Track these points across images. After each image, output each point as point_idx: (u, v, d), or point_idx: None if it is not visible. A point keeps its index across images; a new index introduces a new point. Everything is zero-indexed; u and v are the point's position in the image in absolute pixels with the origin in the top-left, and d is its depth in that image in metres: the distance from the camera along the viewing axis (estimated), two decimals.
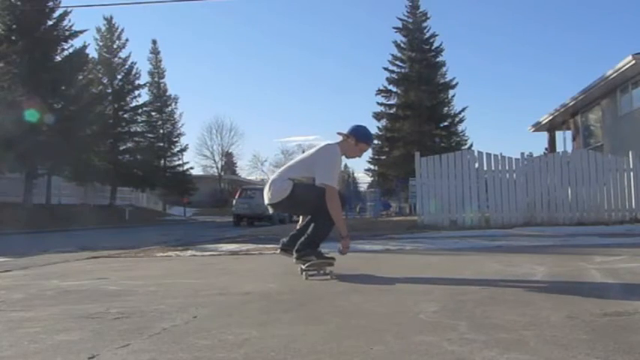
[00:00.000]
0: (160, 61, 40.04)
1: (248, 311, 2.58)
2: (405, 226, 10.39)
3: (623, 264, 4.08)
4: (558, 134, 23.13)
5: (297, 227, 4.03)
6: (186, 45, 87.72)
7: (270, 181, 3.95)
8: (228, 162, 61.00)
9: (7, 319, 2.54)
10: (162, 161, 37.36)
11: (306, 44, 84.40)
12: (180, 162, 39.25)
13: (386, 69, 32.32)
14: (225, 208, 40.24)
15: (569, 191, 10.19)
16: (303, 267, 3.68)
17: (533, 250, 5.48)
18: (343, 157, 4.02)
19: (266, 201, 3.91)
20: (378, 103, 32.71)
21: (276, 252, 4.20)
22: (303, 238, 3.77)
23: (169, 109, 39.50)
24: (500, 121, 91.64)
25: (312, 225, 3.78)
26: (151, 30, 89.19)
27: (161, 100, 39.11)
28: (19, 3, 22.16)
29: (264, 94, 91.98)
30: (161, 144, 37.55)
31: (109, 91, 30.95)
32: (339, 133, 3.99)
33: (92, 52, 29.02)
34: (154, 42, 40.11)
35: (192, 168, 40.46)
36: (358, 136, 3.94)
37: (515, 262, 4.38)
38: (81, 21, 73.61)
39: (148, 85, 37.56)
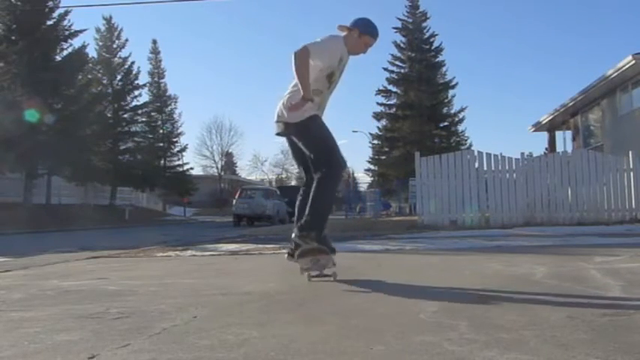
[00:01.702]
0: (160, 61, 40.13)
1: (248, 311, 2.58)
2: (405, 226, 10.39)
3: (623, 264, 4.08)
4: (558, 134, 23.15)
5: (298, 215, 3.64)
6: (186, 45, 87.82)
7: (288, 95, 3.50)
8: (228, 162, 61.04)
9: (7, 319, 2.53)
10: (162, 161, 37.39)
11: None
12: (180, 162, 39.32)
13: (386, 69, 32.40)
14: (225, 208, 40.27)
15: (569, 191, 10.19)
16: (296, 252, 3.41)
17: (533, 250, 5.48)
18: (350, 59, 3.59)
19: (276, 118, 3.51)
20: (377, 103, 32.75)
21: (286, 257, 3.74)
22: (307, 209, 3.41)
23: (169, 109, 39.54)
24: (500, 121, 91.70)
25: (313, 188, 3.41)
26: (151, 30, 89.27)
27: (161, 100, 39.13)
28: (19, 3, 22.17)
29: (264, 94, 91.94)
30: (161, 144, 37.56)
31: (109, 91, 30.96)
32: (340, 27, 3.58)
33: (92, 52, 29.11)
34: (154, 42, 40.23)
35: (192, 168, 40.54)
36: (362, 28, 3.54)
37: (515, 262, 4.38)
38: (80, 21, 73.71)
39: (148, 85, 37.65)
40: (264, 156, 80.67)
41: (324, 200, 3.44)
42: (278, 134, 3.57)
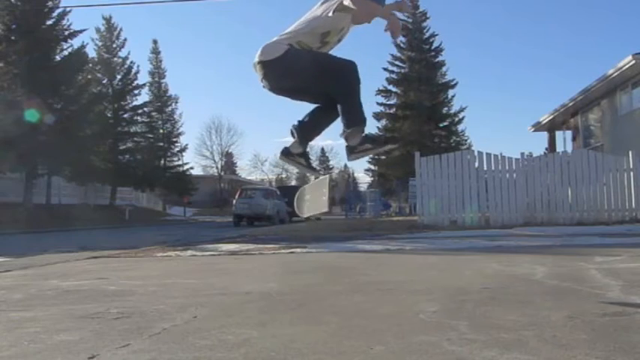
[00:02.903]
0: (161, 61, 40.07)
1: (248, 311, 2.58)
2: (405, 226, 10.38)
3: (623, 264, 4.08)
4: (558, 134, 23.14)
5: (308, 117, 3.09)
6: (186, 45, 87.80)
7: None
8: (228, 162, 61.01)
9: (7, 319, 2.53)
10: (162, 161, 37.38)
11: None
12: (180, 162, 39.30)
13: (385, 69, 32.37)
14: (225, 208, 40.28)
15: (569, 191, 10.19)
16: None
17: (533, 250, 5.48)
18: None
19: (255, 59, 2.88)
20: (377, 103, 32.69)
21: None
22: (345, 117, 2.83)
23: (169, 109, 39.53)
24: (500, 121, 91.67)
25: (340, 100, 2.85)
26: (152, 30, 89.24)
27: (161, 100, 39.13)
28: (18, 3, 22.17)
29: (264, 94, 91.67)
30: (161, 144, 37.55)
31: (109, 91, 30.95)
32: None
33: (91, 52, 29.10)
34: (155, 42, 40.16)
35: (192, 168, 40.51)
36: None
37: (515, 262, 4.38)
38: (80, 21, 73.66)
39: (148, 85, 37.64)
40: (264, 156, 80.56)
41: (357, 104, 2.87)
42: (264, 87, 2.97)
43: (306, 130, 3.03)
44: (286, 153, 3.09)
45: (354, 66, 2.89)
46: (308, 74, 2.88)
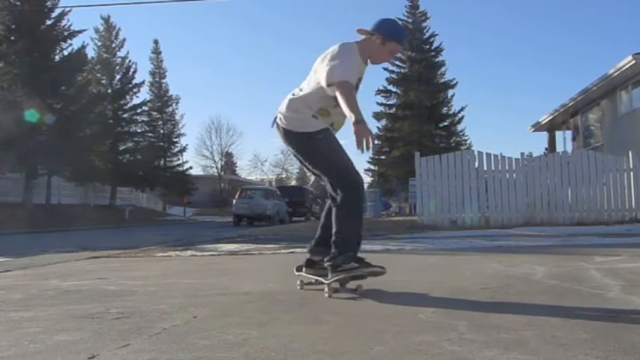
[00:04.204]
0: (162, 61, 40.06)
1: (248, 311, 2.58)
2: (405, 226, 10.39)
3: (623, 264, 4.08)
4: (558, 134, 23.14)
5: (320, 228, 3.12)
6: (186, 45, 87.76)
7: (288, 100, 3.00)
8: (228, 162, 61.01)
9: (7, 319, 2.53)
10: (162, 161, 37.38)
11: (306, 44, 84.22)
12: (180, 162, 39.31)
13: (385, 69, 32.36)
14: (225, 208, 40.28)
15: (569, 191, 10.19)
16: (329, 278, 2.83)
17: (533, 250, 5.48)
18: (368, 66, 3.04)
19: (281, 122, 2.96)
20: (377, 103, 32.71)
21: (298, 273, 3.20)
22: (334, 237, 2.86)
23: (170, 109, 39.53)
24: (500, 121, 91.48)
25: (334, 210, 2.89)
26: (152, 30, 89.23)
27: (162, 100, 39.13)
28: (18, 3, 22.17)
29: (265, 94, 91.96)
30: (161, 144, 37.55)
31: (109, 91, 30.96)
32: (359, 30, 2.98)
33: (91, 52, 29.09)
34: (156, 42, 40.14)
35: (191, 168, 40.53)
36: (387, 33, 2.92)
37: (515, 262, 4.38)
38: (79, 21, 73.65)
39: (149, 84, 37.67)
40: (264, 156, 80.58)
41: (349, 228, 2.88)
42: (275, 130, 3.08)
43: (324, 244, 3.00)
44: (310, 264, 3.12)
45: (359, 190, 2.96)
46: (319, 164, 2.99)
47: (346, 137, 3.06)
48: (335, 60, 2.79)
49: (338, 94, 2.70)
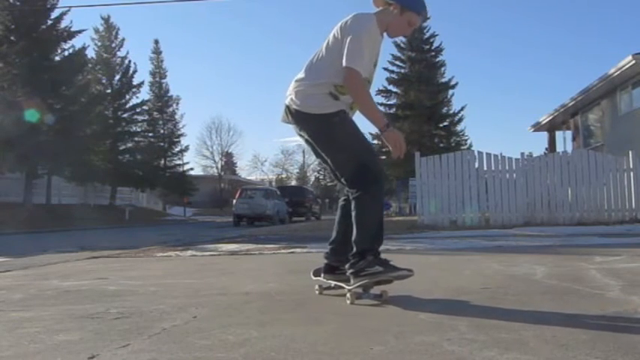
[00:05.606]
0: (162, 61, 40.10)
1: (248, 311, 2.58)
2: (405, 226, 10.39)
3: (623, 264, 4.08)
4: (558, 134, 23.16)
5: (336, 228, 2.89)
6: (186, 45, 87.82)
7: (299, 76, 2.71)
8: (228, 162, 61.00)
9: (7, 319, 2.53)
10: (162, 161, 37.39)
11: (306, 44, 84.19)
12: (181, 162, 39.32)
13: (386, 69, 32.37)
14: (225, 208, 40.30)
15: (569, 191, 10.19)
16: (352, 284, 2.59)
17: (533, 250, 5.48)
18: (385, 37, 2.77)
19: (291, 104, 2.68)
20: (377, 103, 32.70)
21: (316, 278, 2.97)
22: (354, 237, 2.61)
23: (170, 109, 39.54)
24: (500, 121, 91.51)
25: (354, 207, 2.63)
26: (152, 30, 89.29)
27: (162, 100, 39.13)
28: (17, 3, 22.17)
29: (265, 94, 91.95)
30: (162, 144, 37.56)
31: (109, 91, 30.96)
32: (376, 1, 2.76)
33: (91, 52, 29.11)
34: (156, 42, 40.21)
35: (192, 168, 40.57)
36: (404, 2, 2.67)
37: (515, 262, 4.38)
38: (79, 21, 73.63)
39: (149, 84, 37.71)
40: (264, 156, 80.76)
41: (370, 226, 2.62)
42: (284, 121, 2.80)
43: (342, 250, 2.77)
44: (328, 269, 2.85)
45: (380, 187, 2.68)
46: (335, 154, 2.69)
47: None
48: (354, 42, 2.54)
49: (348, 87, 2.54)
